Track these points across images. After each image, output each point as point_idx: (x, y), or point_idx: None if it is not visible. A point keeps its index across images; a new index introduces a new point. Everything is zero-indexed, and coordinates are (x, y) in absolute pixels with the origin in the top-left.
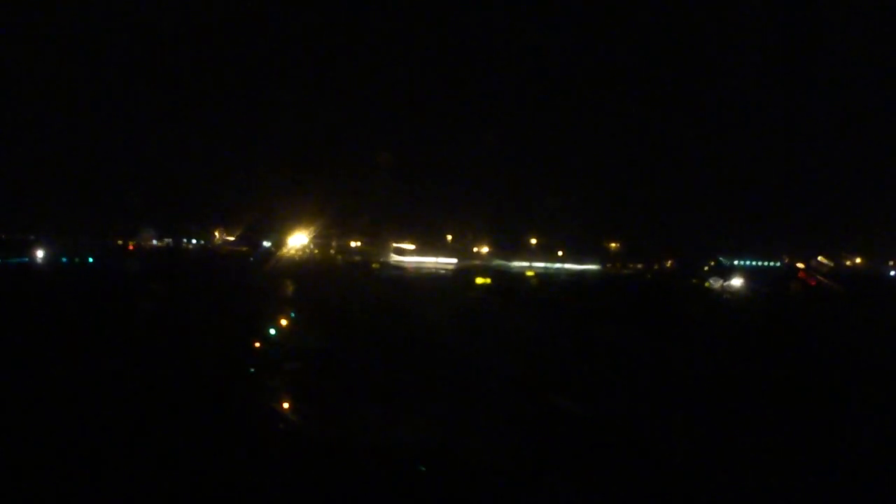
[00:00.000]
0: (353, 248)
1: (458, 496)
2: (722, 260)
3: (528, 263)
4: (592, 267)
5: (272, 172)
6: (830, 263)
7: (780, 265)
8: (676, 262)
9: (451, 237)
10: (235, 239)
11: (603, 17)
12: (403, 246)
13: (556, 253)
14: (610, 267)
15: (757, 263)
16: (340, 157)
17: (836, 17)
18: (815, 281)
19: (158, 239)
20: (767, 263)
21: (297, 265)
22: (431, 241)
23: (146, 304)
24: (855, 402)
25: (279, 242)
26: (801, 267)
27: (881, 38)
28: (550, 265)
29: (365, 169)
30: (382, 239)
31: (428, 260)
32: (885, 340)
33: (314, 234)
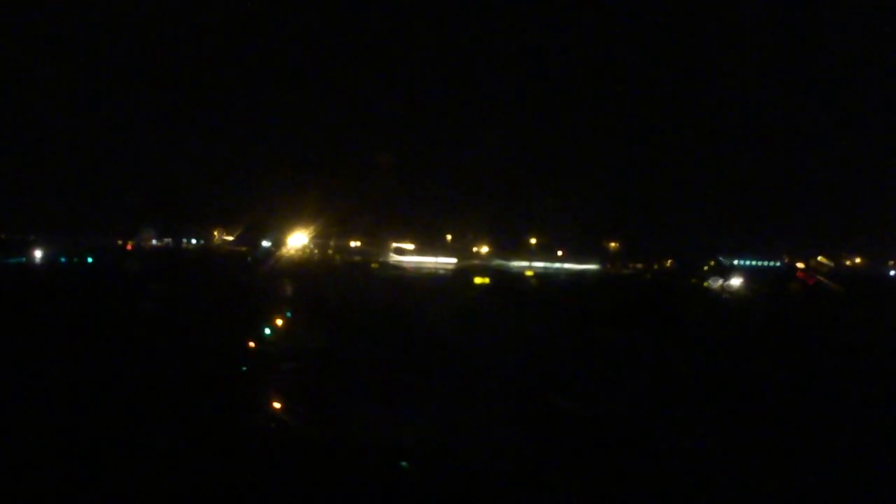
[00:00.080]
0: (352, 247)
1: (457, 496)
2: (722, 260)
3: (527, 263)
4: (592, 267)
5: (272, 172)
6: (830, 263)
7: (779, 265)
8: (676, 261)
9: (450, 237)
10: (235, 239)
11: (603, 17)
12: (403, 246)
13: (555, 253)
14: (610, 267)
15: (756, 263)
16: (340, 157)
17: (836, 17)
18: (813, 280)
19: (158, 239)
20: (767, 263)
21: (296, 265)
22: (431, 240)
23: (141, 303)
24: (854, 401)
25: (279, 242)
26: (800, 267)
27: (881, 38)
28: (550, 265)
29: (365, 169)
30: (382, 239)
31: (427, 260)
32: (884, 340)
33: (314, 233)
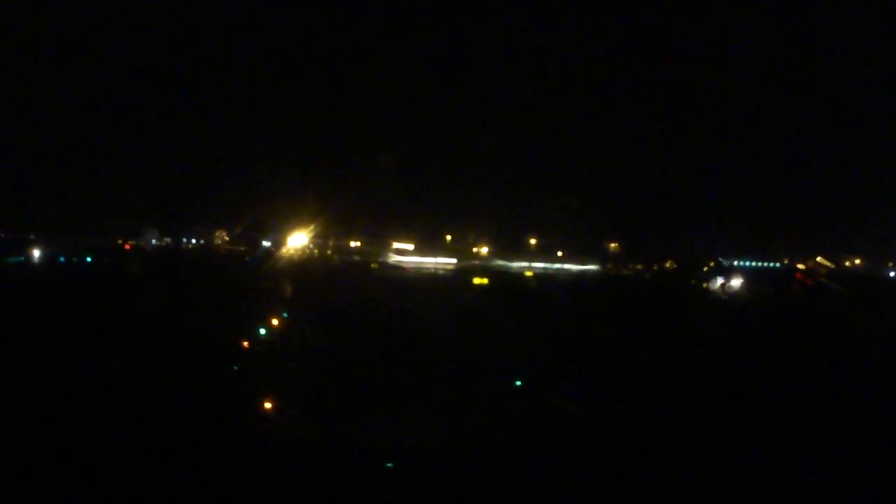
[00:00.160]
0: (352, 248)
1: (458, 496)
2: (722, 260)
3: (527, 264)
4: (592, 267)
5: (272, 173)
6: (830, 264)
7: (779, 266)
8: (676, 262)
9: (450, 237)
10: (235, 239)
11: (603, 16)
12: (403, 246)
13: (555, 253)
14: (610, 267)
15: (756, 264)
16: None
17: (836, 16)
18: (812, 281)
19: (158, 239)
20: (767, 264)
21: (295, 265)
22: (431, 241)
23: (137, 303)
24: (854, 401)
25: (279, 242)
26: (800, 268)
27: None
28: (550, 265)
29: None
30: (382, 239)
31: (427, 260)
32: (884, 340)
33: (314, 234)
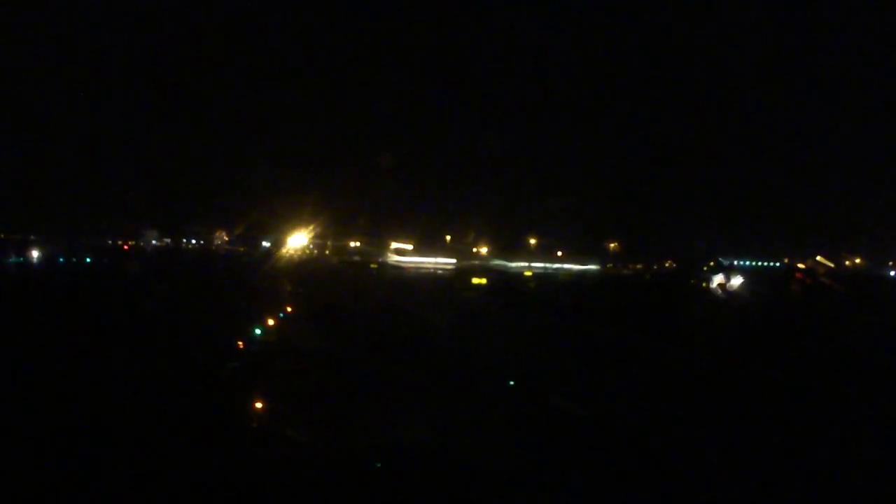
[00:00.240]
0: (352, 248)
1: (458, 496)
2: (721, 260)
3: (527, 264)
4: (592, 267)
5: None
6: (830, 264)
7: (779, 265)
8: (676, 262)
9: (450, 237)
10: (235, 239)
11: (603, 17)
12: (402, 246)
13: (555, 253)
14: (610, 267)
15: (756, 264)
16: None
17: (836, 16)
18: (811, 280)
19: (158, 239)
20: (767, 263)
21: (295, 265)
22: (430, 241)
23: (135, 303)
24: (854, 401)
25: (278, 243)
26: (800, 267)
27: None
28: (550, 265)
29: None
30: (381, 239)
31: (427, 260)
32: (883, 340)
33: (313, 234)
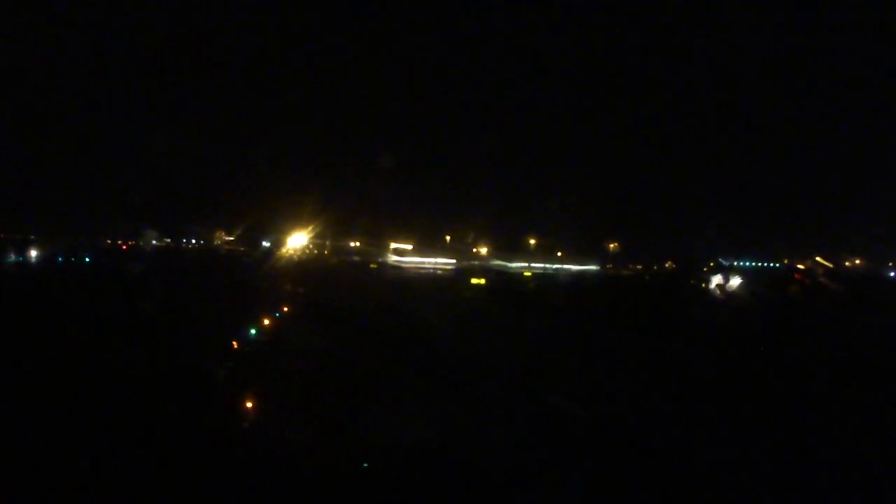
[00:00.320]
0: (351, 248)
1: (458, 496)
2: (721, 260)
3: (527, 264)
4: (592, 267)
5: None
6: (829, 264)
7: (779, 266)
8: (676, 262)
9: (449, 238)
10: (235, 239)
11: (603, 17)
12: (402, 246)
13: (555, 253)
14: (609, 268)
15: (756, 264)
16: (340, 157)
17: (836, 17)
18: (811, 281)
19: (158, 239)
20: (766, 264)
21: (295, 265)
22: (430, 241)
23: (132, 303)
24: (853, 401)
25: (278, 243)
26: (800, 268)
27: (881, 38)
28: (550, 266)
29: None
30: (381, 239)
31: (426, 260)
32: (883, 340)
33: (313, 234)
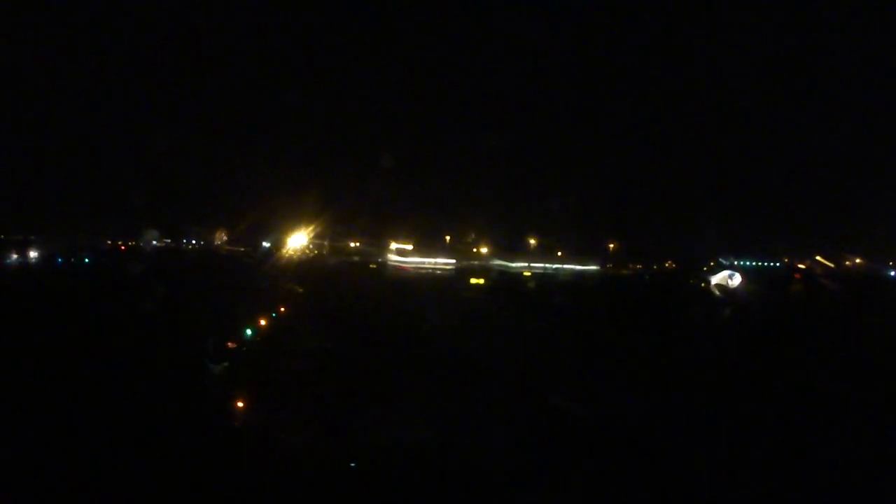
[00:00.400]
0: (352, 248)
1: (458, 496)
2: (722, 260)
3: (527, 264)
4: (592, 267)
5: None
6: (829, 264)
7: (779, 265)
8: (676, 262)
9: (449, 237)
10: (235, 239)
11: (603, 17)
12: (402, 246)
13: (555, 253)
14: (609, 267)
15: (756, 263)
16: (340, 157)
17: (836, 17)
18: (810, 280)
19: (158, 239)
20: (767, 263)
21: (295, 265)
22: (430, 241)
23: (130, 303)
24: (854, 402)
25: (278, 243)
26: (800, 267)
27: (881, 38)
28: (550, 266)
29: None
30: (381, 239)
31: (426, 260)
32: (883, 340)
33: (314, 234)
